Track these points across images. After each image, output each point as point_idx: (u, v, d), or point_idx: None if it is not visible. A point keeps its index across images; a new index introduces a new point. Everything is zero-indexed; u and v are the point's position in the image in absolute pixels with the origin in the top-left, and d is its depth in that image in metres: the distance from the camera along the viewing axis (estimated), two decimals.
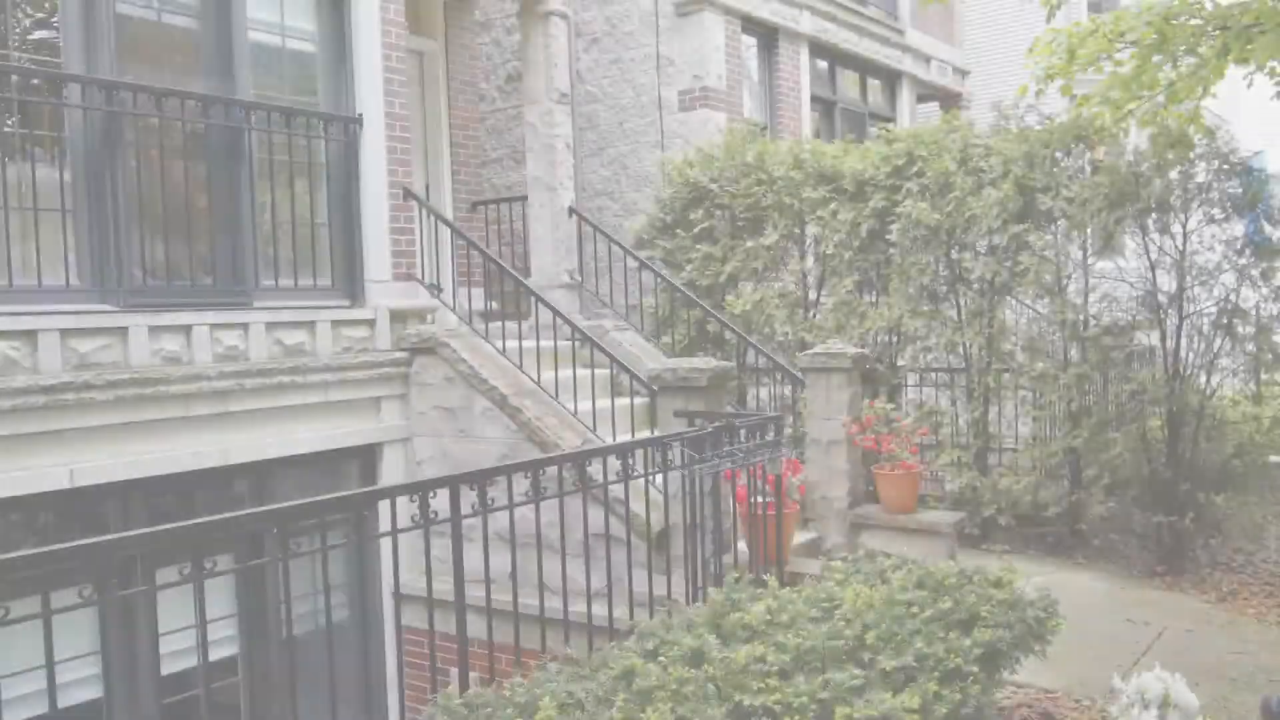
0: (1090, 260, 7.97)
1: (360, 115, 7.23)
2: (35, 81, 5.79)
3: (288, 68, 7.16)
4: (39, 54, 5.90)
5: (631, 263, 9.27)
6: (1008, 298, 8.36)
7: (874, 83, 13.65)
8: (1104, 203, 7.56)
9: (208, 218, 6.53)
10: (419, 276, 7.68)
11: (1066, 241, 7.90)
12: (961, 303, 8.38)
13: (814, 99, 12.17)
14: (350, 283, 7.26)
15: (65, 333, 5.67)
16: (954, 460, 8.17)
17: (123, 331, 5.91)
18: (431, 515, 3.88)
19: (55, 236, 5.84)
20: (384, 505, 3.99)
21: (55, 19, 5.93)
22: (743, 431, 5.47)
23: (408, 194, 7.54)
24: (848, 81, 13.08)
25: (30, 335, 5.54)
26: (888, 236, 8.42)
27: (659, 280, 9.03)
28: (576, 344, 8.32)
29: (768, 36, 11.44)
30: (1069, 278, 7.97)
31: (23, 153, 5.74)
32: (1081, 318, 7.85)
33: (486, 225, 9.87)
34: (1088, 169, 8.00)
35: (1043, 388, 8.02)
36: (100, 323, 5.83)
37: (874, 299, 8.84)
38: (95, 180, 5.95)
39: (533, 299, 8.41)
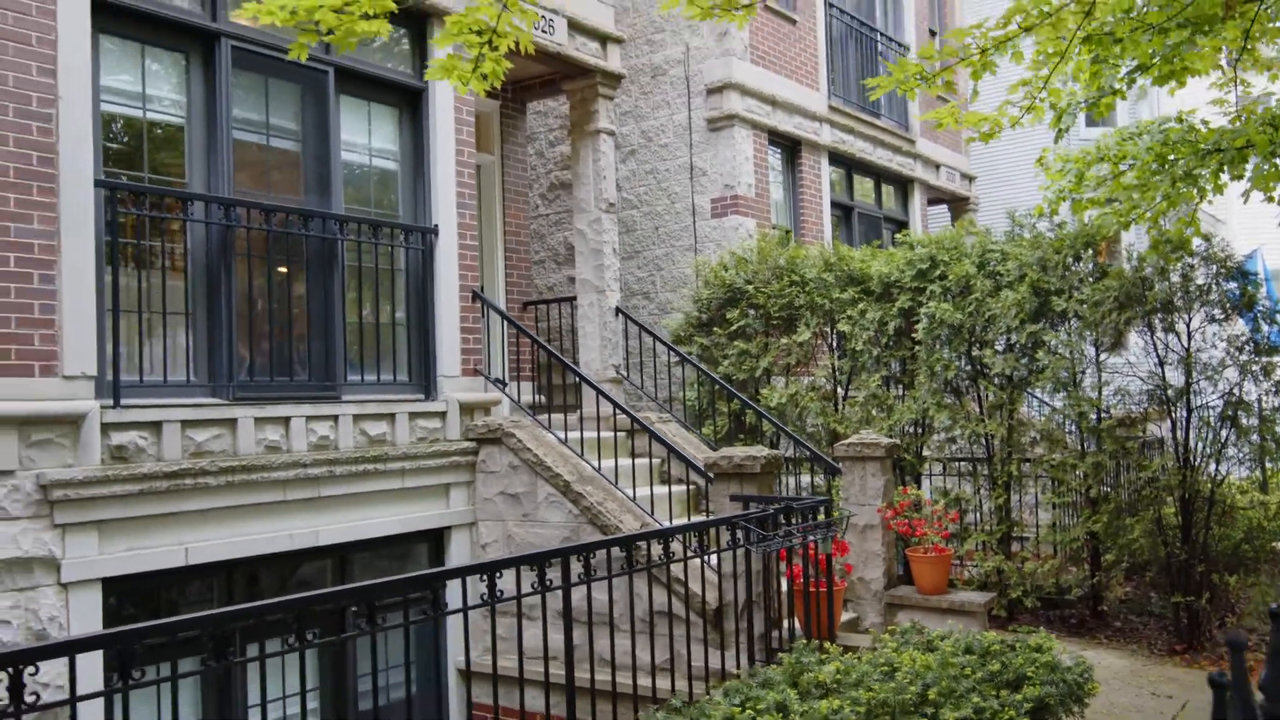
0: (1102, 357, 8.61)
1: (436, 226, 7.96)
2: (166, 200, 6.50)
3: (373, 183, 7.91)
4: (165, 175, 6.63)
5: (669, 358, 9.92)
6: (1026, 391, 8.98)
7: (888, 188, 14.51)
8: (1113, 304, 8.23)
9: (304, 319, 7.20)
10: (485, 371, 8.32)
11: (1080, 339, 8.55)
12: (983, 396, 9.00)
13: (834, 204, 12.99)
14: (425, 378, 7.90)
15: (185, 424, 6.29)
16: (980, 545, 8.70)
17: (232, 423, 6.53)
18: (500, 593, 4.38)
19: (178, 337, 6.51)
20: (456, 585, 4.46)
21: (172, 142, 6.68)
22: (797, 514, 6.05)
23: (475, 296, 8.23)
24: (864, 187, 13.93)
25: (156, 426, 6.16)
26: (913, 334, 9.10)
27: (698, 374, 9.67)
28: (623, 434, 8.94)
29: (791, 148, 12.30)
30: (1083, 373, 8.60)
31: (153, 263, 6.42)
32: (1096, 411, 8.47)
33: (536, 323, 10.56)
34: (1090, 267, 8.68)
35: (1062, 476, 8.58)
36: (213, 414, 6.45)
37: (900, 393, 9.47)
38: (211, 286, 6.64)
39: (580, 392, 9.06)
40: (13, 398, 5.53)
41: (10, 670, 2.92)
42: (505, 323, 9.33)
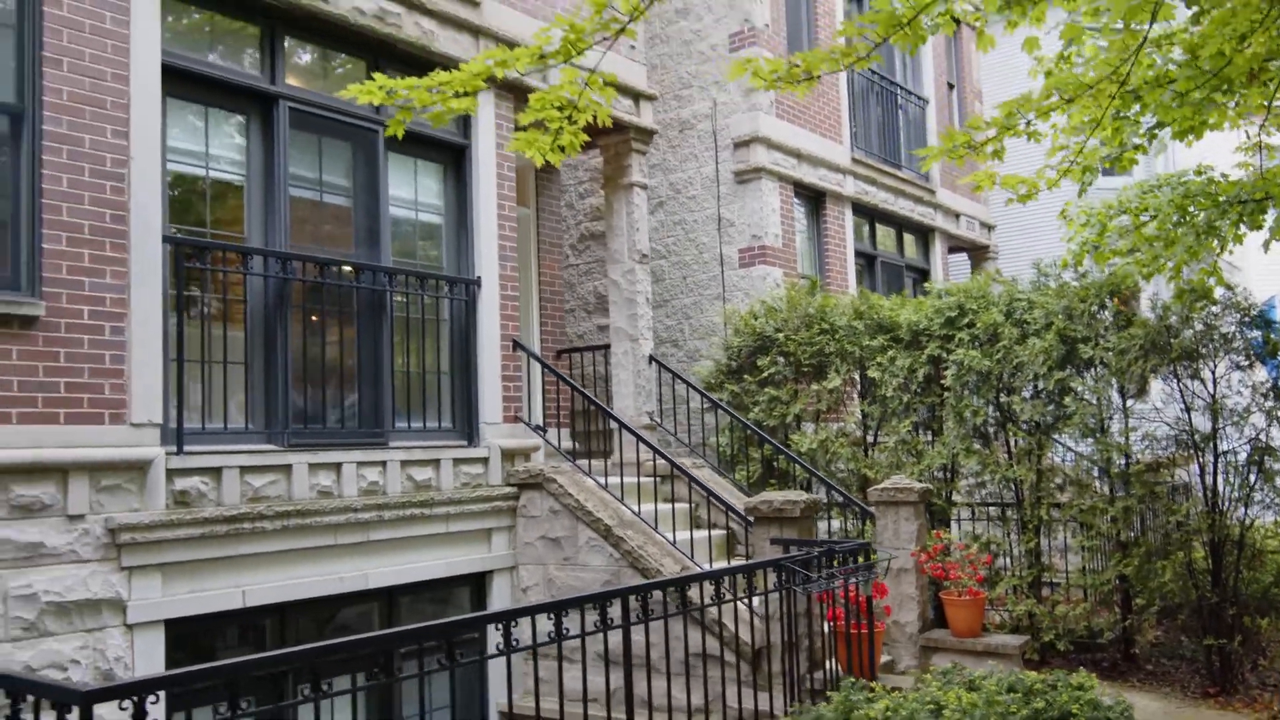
0: (1129, 403, 8.77)
1: (479, 277, 8.22)
2: (227, 254, 6.78)
3: (419, 236, 8.19)
4: (225, 230, 6.92)
5: (699, 405, 10.12)
6: (1054, 437, 9.14)
7: (909, 237, 14.77)
8: (1139, 352, 8.41)
9: (354, 367, 7.44)
10: (525, 418, 8.53)
11: (1106, 386, 8.72)
12: (1011, 442, 9.16)
13: (857, 253, 13.24)
14: (468, 424, 8.11)
15: (243, 469, 6.51)
16: (1011, 589, 8.81)
17: (287, 469, 6.75)
18: (549, 635, 4.58)
19: (237, 385, 6.76)
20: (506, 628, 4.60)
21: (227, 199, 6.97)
22: (839, 557, 6.21)
23: (516, 345, 8.47)
24: (886, 236, 14.19)
25: (216, 472, 6.38)
26: (941, 381, 9.28)
27: (730, 420, 9.86)
28: (657, 479, 9.12)
29: (816, 199, 12.58)
30: (1110, 419, 8.76)
31: (214, 314, 6.68)
32: (1124, 456, 8.61)
33: (570, 371, 10.78)
34: (1115, 315, 8.87)
35: (1091, 520, 8.71)
36: (270, 461, 6.67)
37: (929, 438, 9.64)
38: (268, 336, 6.89)
39: (613, 438, 9.27)
40: (84, 444, 5.77)
41: (134, 699, 3.12)
42: (542, 370, 9.56)
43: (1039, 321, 8.85)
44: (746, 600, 5.99)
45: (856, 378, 9.99)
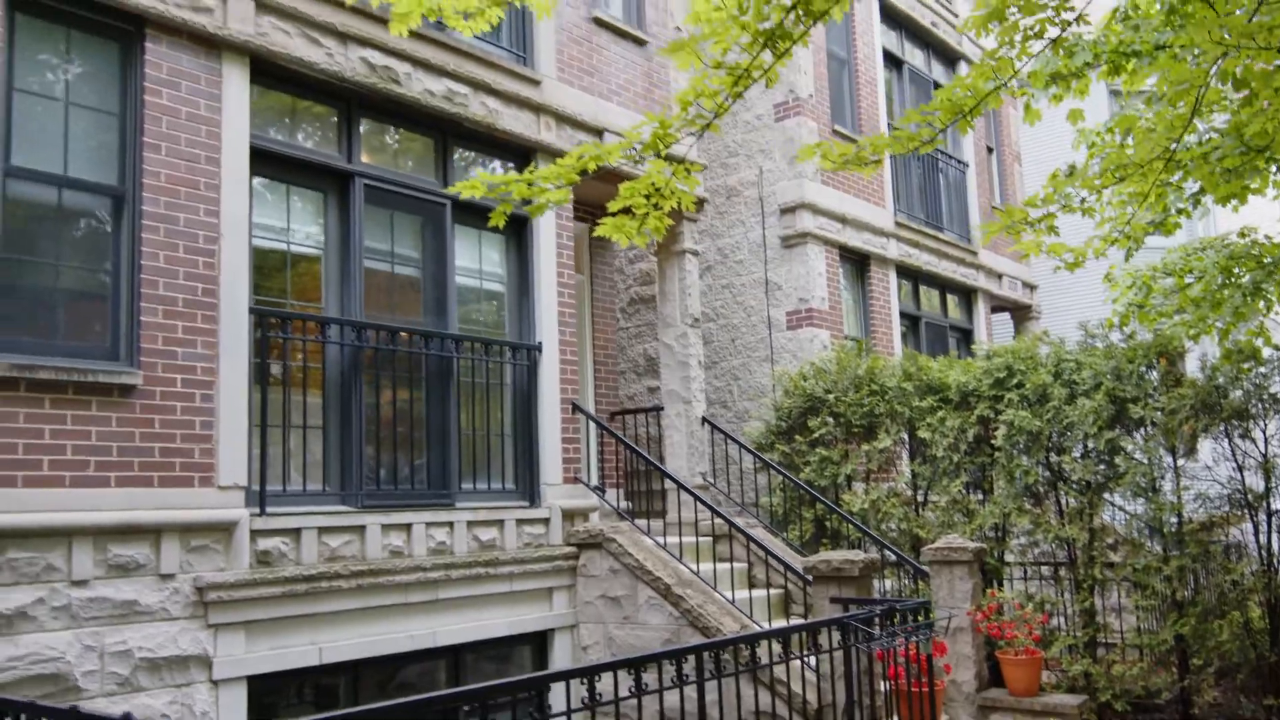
0: (1180, 462, 8.85)
1: (540, 343, 8.51)
2: (307, 324, 7.12)
3: (483, 304, 8.51)
4: (304, 300, 7.27)
5: (749, 465, 10.30)
6: (1105, 496, 9.22)
7: (953, 298, 14.95)
8: (1189, 412, 8.52)
9: (423, 430, 7.71)
10: (584, 479, 8.76)
11: (1156, 446, 8.81)
12: (1063, 501, 9.25)
13: (902, 314, 13.44)
14: (529, 485, 8.35)
15: (321, 530, 6.77)
16: (1067, 648, 8.84)
17: (361, 529, 7.01)
18: (624, 692, 4.73)
19: (314, 449, 7.05)
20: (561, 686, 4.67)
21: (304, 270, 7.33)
22: (899, 615, 6.34)
23: (575, 408, 8.73)
24: (930, 298, 14.39)
25: (295, 533, 6.65)
26: (991, 441, 9.42)
27: (784, 481, 10.02)
28: (711, 539, 9.28)
29: (860, 262, 12.83)
30: (1161, 478, 8.84)
31: (294, 380, 7.00)
32: (1176, 515, 8.67)
33: (623, 431, 11.01)
34: (1158, 376, 8.98)
35: (1146, 580, 8.75)
36: (345, 521, 6.93)
37: (980, 497, 9.74)
38: (343, 401, 7.20)
39: (666, 498, 9.47)
40: (176, 507, 6.06)
41: None
42: (596, 431, 9.80)
43: (1087, 382, 8.99)
44: (809, 659, 6.12)
45: (905, 438, 10.14)
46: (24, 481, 5.50)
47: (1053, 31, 4.85)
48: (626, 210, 4.70)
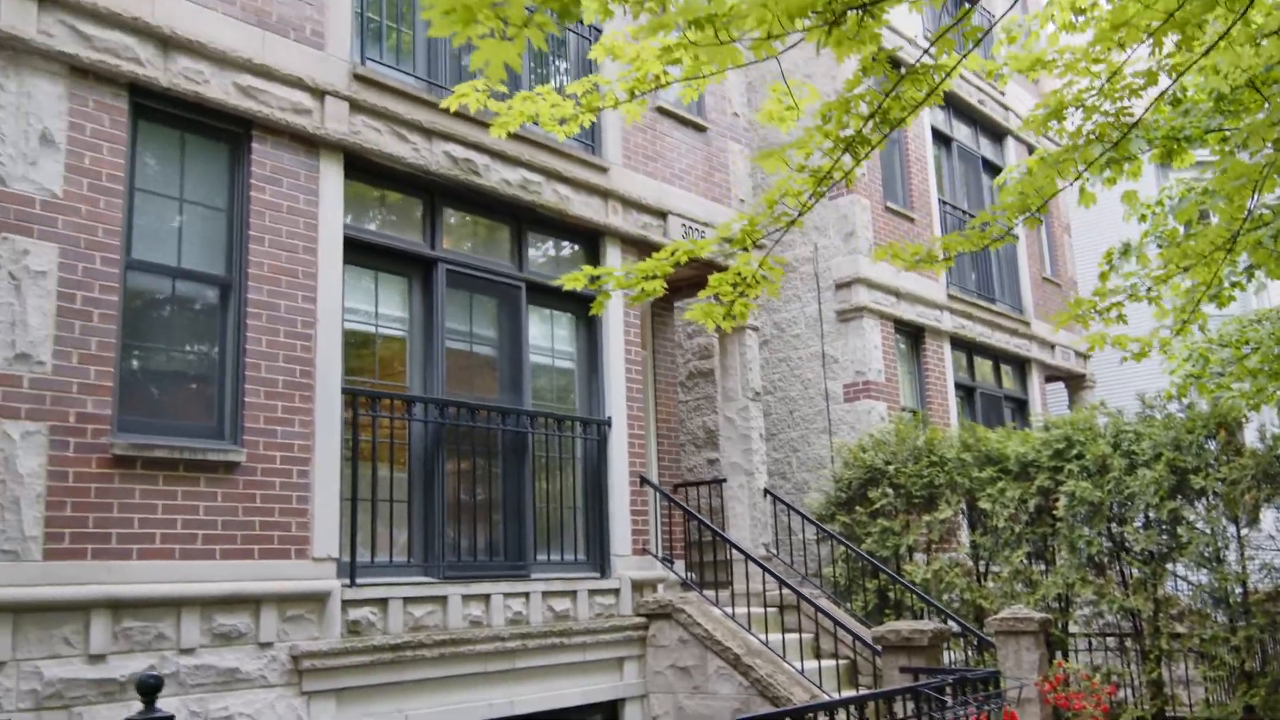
0: (1244, 531, 8.90)
1: (609, 418, 8.82)
2: (395, 402, 7.49)
3: (555, 380, 8.86)
4: (390, 380, 7.65)
5: (808, 536, 10.46)
6: (1168, 566, 9.27)
7: (1006, 368, 15.10)
8: (1251, 482, 8.60)
9: (500, 504, 8.01)
10: (652, 550, 8.99)
11: (1219, 515, 8.88)
12: (1126, 571, 9.31)
13: (956, 385, 13.61)
14: (600, 556, 8.59)
15: (406, 600, 7.05)
16: (1136, 719, 8.84)
17: (443, 599, 7.28)
18: None
19: (400, 521, 7.37)
20: None
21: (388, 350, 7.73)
22: (971, 685, 6.46)
23: (643, 480, 8.99)
24: (983, 368, 14.55)
25: (383, 603, 6.94)
26: (1053, 511, 9.52)
27: (846, 551, 10.17)
28: (775, 610, 9.42)
29: (915, 334, 13.06)
30: (1225, 548, 8.89)
31: (381, 456, 7.35)
32: (1241, 585, 8.70)
33: (686, 502, 11.23)
34: (1218, 447, 9.06)
35: (1213, 650, 8.76)
36: (428, 592, 7.22)
37: (1042, 568, 9.82)
38: (426, 475, 7.53)
39: (730, 569, 9.65)
40: (274, 578, 6.38)
41: None
42: (662, 503, 10.03)
43: (1147, 452, 9.10)
44: None
45: (965, 508, 10.26)
46: (139, 554, 5.86)
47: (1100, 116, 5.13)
48: (715, 298, 5.02)
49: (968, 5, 3.60)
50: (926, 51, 3.68)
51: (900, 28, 13.12)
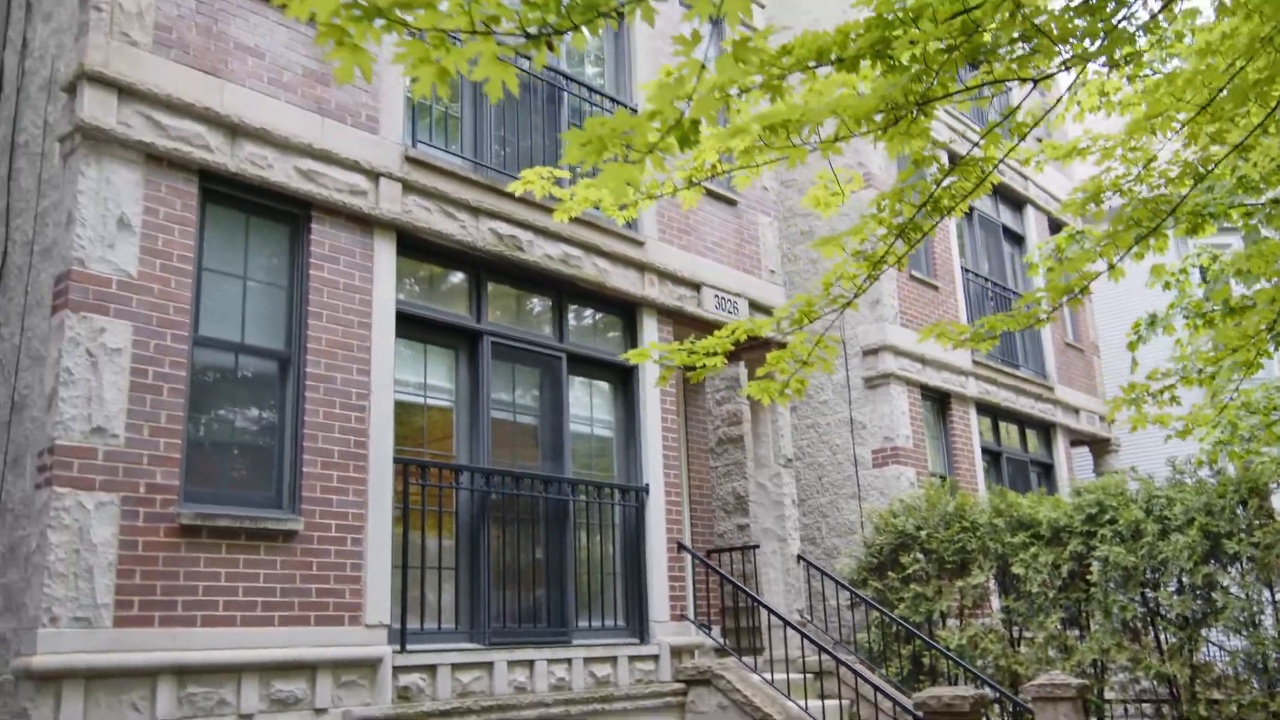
0: (1279, 596, 8.96)
1: (647, 485, 8.99)
2: (443, 472, 7.70)
3: (594, 448, 9.05)
4: (437, 450, 7.86)
5: (840, 601, 10.54)
6: (1203, 631, 9.31)
7: (1031, 433, 15.22)
8: None
9: (543, 570, 8.17)
10: (689, 616, 9.10)
11: (1254, 580, 8.94)
12: (1161, 637, 9.35)
13: (983, 450, 13.73)
14: (639, 623, 8.71)
15: (454, 667, 7.19)
16: None
17: (489, 665, 7.41)
18: None
19: (447, 588, 7.53)
20: None
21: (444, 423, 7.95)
22: None
23: (680, 547, 9.13)
24: (1009, 433, 14.67)
25: (431, 669, 7.07)
26: (1086, 576, 9.60)
27: (880, 617, 10.23)
28: (810, 676, 9.48)
29: (941, 400, 13.23)
30: (1261, 613, 8.94)
31: (430, 525, 7.54)
32: (1277, 651, 8.73)
33: (719, 569, 11.33)
34: (1251, 512, 9.15)
35: (1250, 716, 8.76)
36: (474, 658, 7.35)
37: (1077, 633, 9.86)
38: (472, 543, 7.71)
39: (763, 635, 9.71)
40: (329, 644, 6.54)
41: None
42: (693, 568, 10.15)
43: (1179, 518, 9.20)
44: None
45: (998, 573, 10.33)
46: (203, 621, 6.04)
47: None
48: (770, 375, 5.24)
49: (1000, 95, 3.87)
50: (975, 145, 3.93)
51: (945, 118, 13.55)
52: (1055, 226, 17.22)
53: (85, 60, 6.05)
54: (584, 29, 2.28)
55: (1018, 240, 16.23)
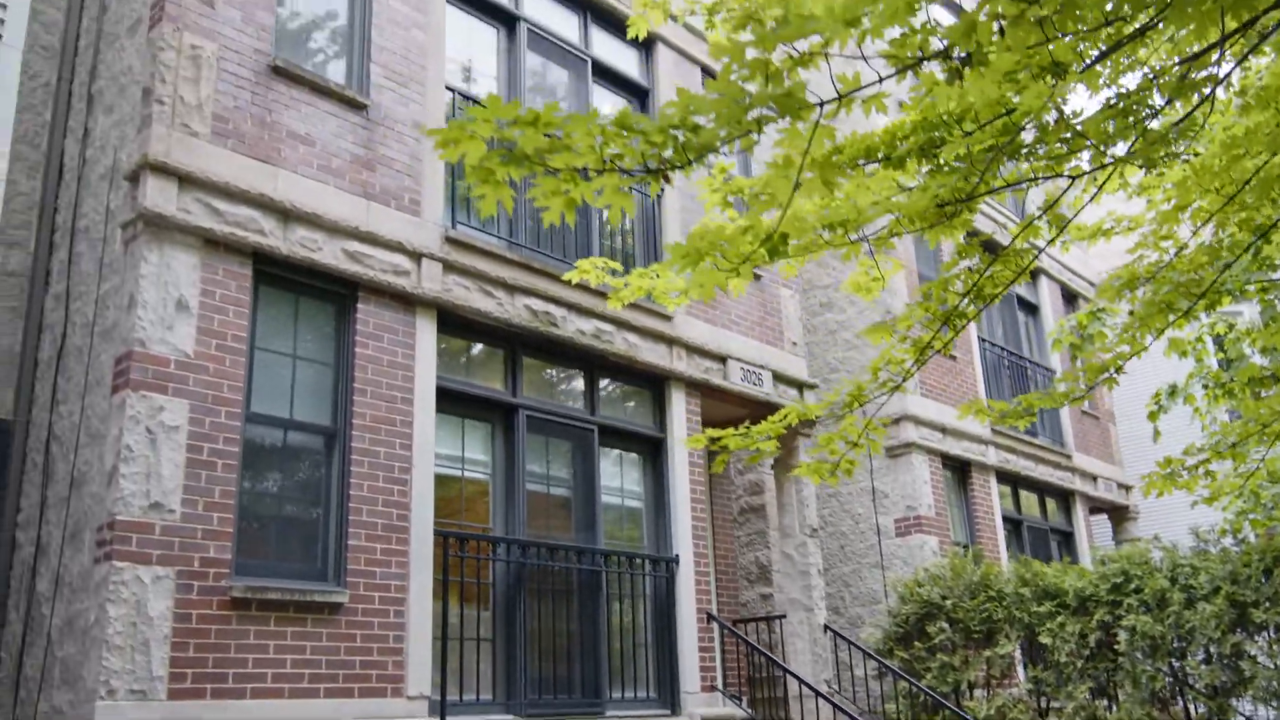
0: None
1: (677, 556, 9.11)
2: (481, 543, 7.84)
3: (625, 518, 9.20)
4: (474, 521, 8.01)
5: (866, 671, 10.56)
6: (1233, 701, 9.32)
7: (1051, 501, 15.30)
8: None
9: (576, 641, 8.26)
10: (719, 687, 9.15)
11: None
12: (1191, 707, 9.36)
13: (1004, 518, 13.81)
14: (671, 694, 8.76)
15: None
16: None
17: None
18: None
19: (484, 659, 7.63)
20: None
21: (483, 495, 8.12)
22: None
23: (710, 617, 9.22)
24: (1029, 501, 14.76)
25: None
26: (1114, 646, 9.64)
27: (909, 687, 10.26)
28: None
29: (962, 469, 13.35)
30: None
31: (468, 596, 7.66)
32: None
33: (748, 639, 11.37)
34: (1276, 581, 9.21)
35: None
36: None
37: (1105, 703, 9.87)
38: (508, 614, 7.82)
39: (788, 705, 9.75)
40: (372, 716, 6.64)
41: None
42: (720, 638, 10.21)
43: (1205, 587, 9.27)
44: None
45: (1024, 643, 10.37)
46: (252, 693, 6.16)
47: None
48: (822, 458, 5.43)
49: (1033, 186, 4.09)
50: (1016, 238, 4.17)
51: (983, 208, 13.85)
52: (1068, 296, 17.49)
53: (149, 151, 6.35)
54: (694, 163, 2.52)
55: (1032, 310, 16.47)
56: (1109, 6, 2.75)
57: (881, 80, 2.67)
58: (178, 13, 6.74)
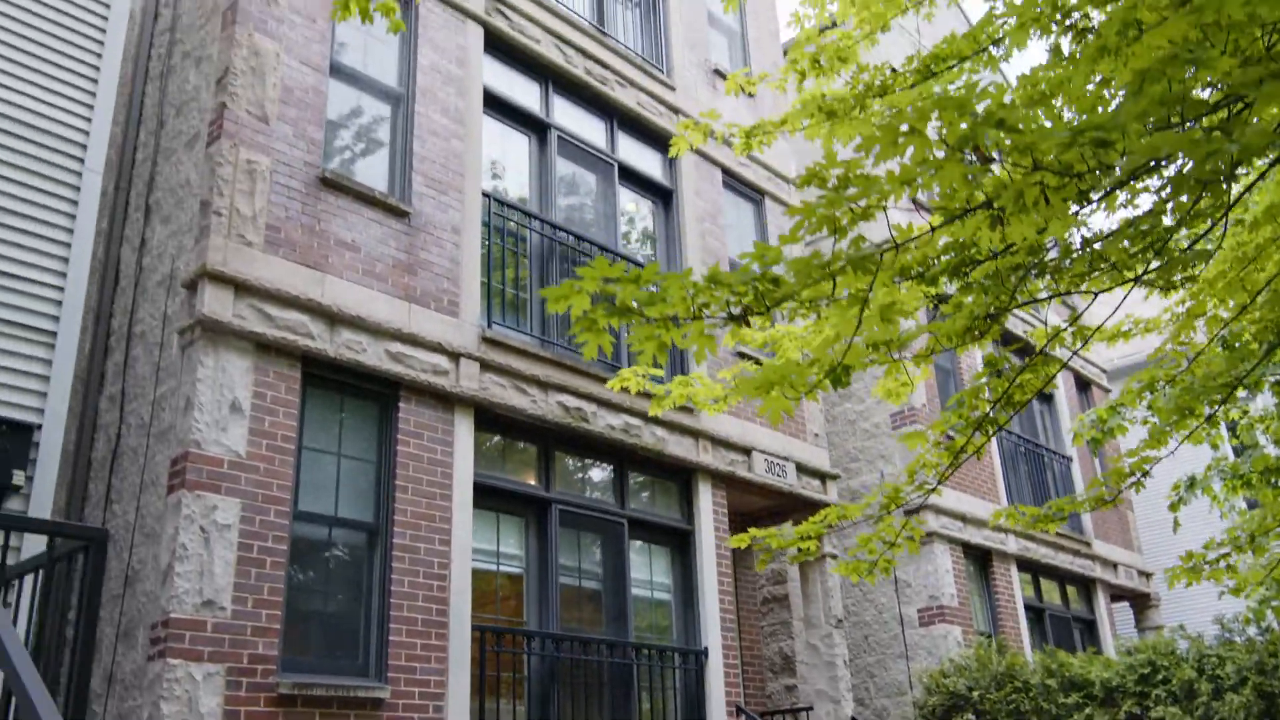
0: None
1: (706, 648, 9.20)
2: (517, 638, 7.97)
3: (654, 610, 9.31)
4: (508, 615, 8.15)
5: None
6: None
7: (1072, 589, 15.31)
8: None
9: None
10: None
11: None
12: None
13: (1026, 607, 13.83)
14: None
15: None
16: None
17: None
18: None
19: None
20: None
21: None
22: None
23: (739, 709, 9.26)
24: (1050, 589, 14.78)
25: None
26: None
27: None
28: None
29: (983, 557, 13.43)
30: None
31: (503, 689, 7.75)
32: None
33: None
34: None
35: None
36: None
37: None
38: (542, 706, 7.90)
39: None
40: None
41: None
42: None
43: (1232, 677, 9.31)
44: None
45: None
46: None
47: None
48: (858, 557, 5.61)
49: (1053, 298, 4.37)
50: (1041, 351, 4.43)
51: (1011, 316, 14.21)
52: (1081, 384, 17.71)
53: (207, 260, 6.68)
54: (771, 310, 2.81)
55: (1046, 398, 16.67)
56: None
57: (933, 230, 2.95)
58: (235, 129, 7.14)
